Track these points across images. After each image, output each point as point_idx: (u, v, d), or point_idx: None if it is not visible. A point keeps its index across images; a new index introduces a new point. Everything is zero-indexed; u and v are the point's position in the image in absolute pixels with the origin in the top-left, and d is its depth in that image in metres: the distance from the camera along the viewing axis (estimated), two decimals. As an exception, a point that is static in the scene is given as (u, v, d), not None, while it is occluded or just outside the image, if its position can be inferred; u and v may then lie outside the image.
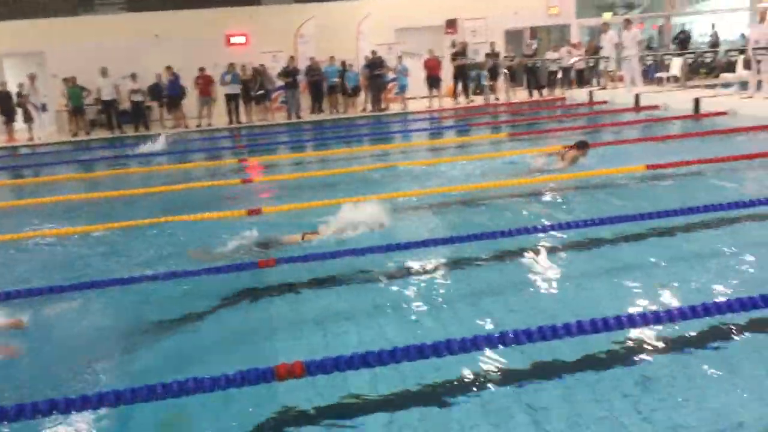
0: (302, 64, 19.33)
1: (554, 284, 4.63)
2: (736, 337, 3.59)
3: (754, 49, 12.70)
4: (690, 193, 6.89)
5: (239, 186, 9.07)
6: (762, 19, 12.93)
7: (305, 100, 19.39)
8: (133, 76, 18.07)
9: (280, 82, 18.95)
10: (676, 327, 3.63)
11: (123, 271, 5.30)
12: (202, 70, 18.37)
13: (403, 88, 19.20)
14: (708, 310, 3.49)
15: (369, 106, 19.50)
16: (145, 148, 13.49)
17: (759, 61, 12.56)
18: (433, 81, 19.15)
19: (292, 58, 19.05)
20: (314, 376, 3.16)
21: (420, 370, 3.33)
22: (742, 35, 22.91)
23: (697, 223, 5.62)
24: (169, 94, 18.34)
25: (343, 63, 19.31)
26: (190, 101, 18.52)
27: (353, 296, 4.73)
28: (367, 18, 20.83)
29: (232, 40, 20.85)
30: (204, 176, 10.40)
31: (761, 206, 5.71)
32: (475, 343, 3.38)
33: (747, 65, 13.25)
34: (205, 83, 18.32)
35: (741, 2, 25.49)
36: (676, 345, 3.55)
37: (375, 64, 18.89)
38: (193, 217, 6.80)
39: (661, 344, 3.55)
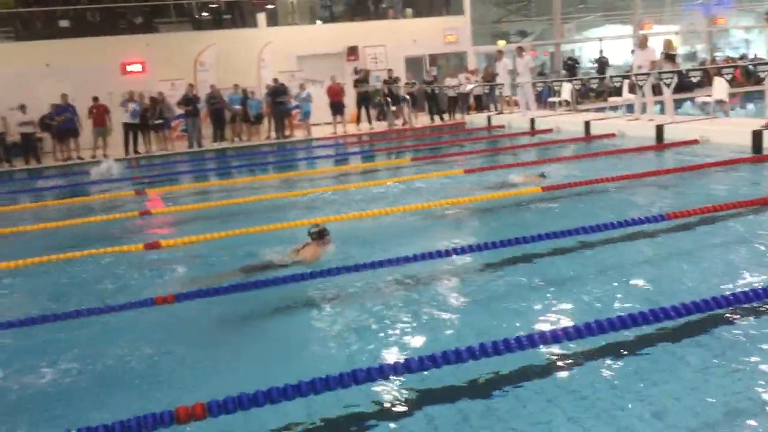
0: (202, 92, 19.01)
1: (459, 306, 4.69)
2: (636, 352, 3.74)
3: (635, 74, 13.51)
4: (583, 212, 7.17)
5: (137, 219, 8.74)
6: (643, 46, 13.80)
7: (206, 129, 19.03)
8: (23, 108, 17.14)
9: (179, 111, 18.53)
10: (573, 345, 3.73)
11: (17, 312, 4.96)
12: (96, 99, 17.70)
13: (306, 115, 19.21)
14: (601, 326, 3.65)
15: (273, 134, 19.37)
16: (39, 182, 12.82)
17: (641, 86, 13.35)
18: (337, 107, 19.28)
19: (191, 86, 18.68)
20: (216, 417, 3.04)
21: (326, 403, 3.28)
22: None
23: (590, 242, 5.85)
24: (61, 127, 17.44)
25: (245, 90, 19.11)
26: (85, 132, 17.78)
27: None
28: (268, 45, 20.76)
29: (128, 68, 20.26)
30: (100, 210, 9.97)
31: (648, 224, 6.03)
32: (381, 372, 3.37)
33: (632, 89, 14.05)
34: (99, 113, 17.64)
35: (625, 30, 27.18)
36: (577, 360, 3.66)
37: (278, 92, 18.82)
38: (87, 253, 6.47)
39: (562, 360, 3.65)
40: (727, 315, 3.98)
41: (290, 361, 4.00)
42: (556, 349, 3.70)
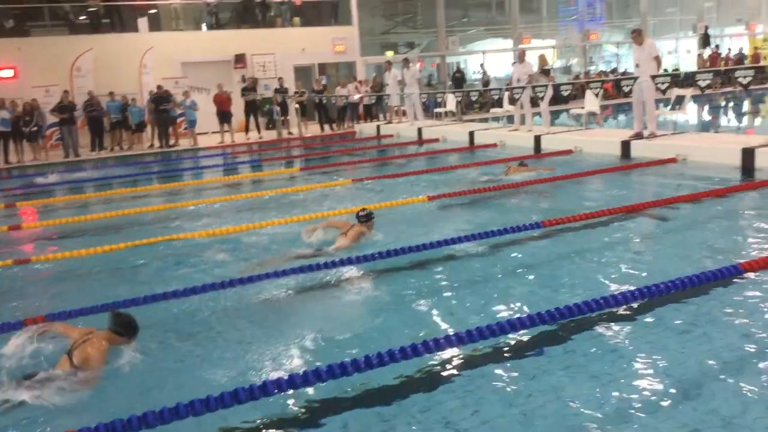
0: (80, 99, 18.10)
1: (342, 317, 4.70)
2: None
3: (513, 87, 14.10)
4: (467, 221, 7.39)
5: (5, 234, 8.19)
6: (521, 60, 14.44)
7: (84, 137, 18.11)
8: None
9: (54, 119, 17.54)
10: (457, 351, 3.84)
11: None
12: (-40, 106, 16.46)
13: (192, 123, 18.69)
14: (480, 332, 3.78)
15: (156, 143, 18.71)
16: None
17: (517, 99, 13.97)
18: (224, 116, 18.90)
19: (66, 92, 17.73)
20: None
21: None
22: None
23: (471, 251, 6.04)
24: None
25: (124, 97, 18.35)
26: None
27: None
28: (150, 51, 20.07)
29: (-1, 73, 18.99)
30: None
31: (523, 231, 6.30)
32: (253, 391, 3.33)
33: (512, 101, 14.67)
34: (-36, 121, 16.40)
35: (506, 43, 28.34)
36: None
37: (161, 99, 18.21)
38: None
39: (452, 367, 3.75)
40: (597, 319, 4.21)
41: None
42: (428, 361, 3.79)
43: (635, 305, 4.35)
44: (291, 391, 3.42)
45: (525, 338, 4.02)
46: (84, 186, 12.88)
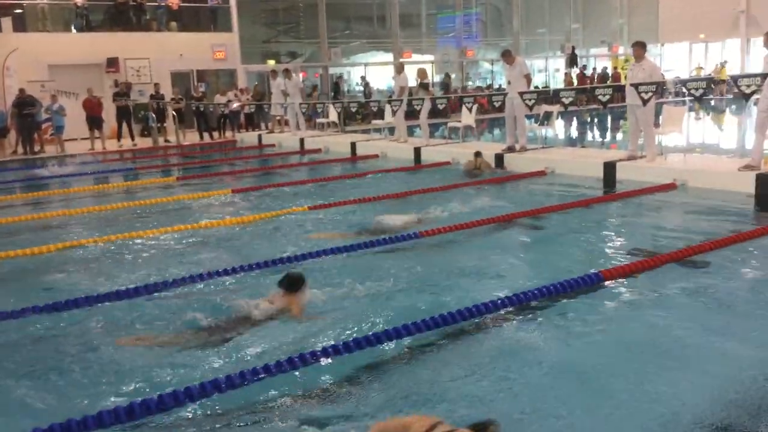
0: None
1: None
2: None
3: (393, 99, 14.38)
4: (348, 230, 7.42)
5: None
6: (399, 72, 14.76)
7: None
8: None
9: None
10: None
11: None
12: None
13: (59, 129, 17.64)
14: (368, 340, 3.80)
15: (20, 149, 17.51)
16: None
17: (395, 111, 14.27)
18: (94, 122, 17.97)
19: None
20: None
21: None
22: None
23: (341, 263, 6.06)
24: None
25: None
26: None
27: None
28: (14, 52, 18.77)
29: None
30: None
31: (404, 241, 6.41)
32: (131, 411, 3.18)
33: (394, 112, 14.90)
34: None
35: (388, 57, 28.83)
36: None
37: (25, 103, 17.05)
38: None
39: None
40: (469, 327, 4.34)
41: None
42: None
43: (503, 312, 4.52)
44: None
45: (389, 348, 4.06)
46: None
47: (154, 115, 19.08)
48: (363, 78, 26.57)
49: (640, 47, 9.88)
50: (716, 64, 30.90)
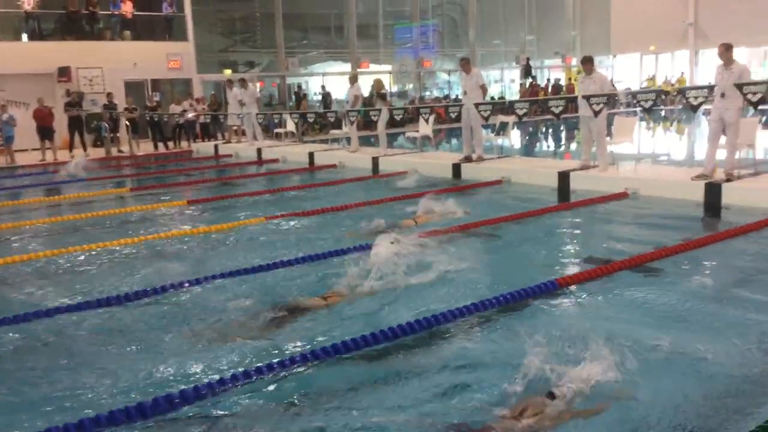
0: None
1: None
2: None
3: (349, 110, 14.39)
4: (307, 241, 7.37)
5: None
6: (353, 83, 14.81)
7: None
8: None
9: None
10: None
11: None
12: None
13: (9, 140, 17.16)
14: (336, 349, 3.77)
15: (-34, 160, 17.01)
16: None
17: (353, 121, 14.30)
18: (45, 132, 17.55)
19: None
20: None
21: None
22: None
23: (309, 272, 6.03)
24: None
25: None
26: None
27: None
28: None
29: None
30: None
31: (360, 251, 6.39)
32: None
33: (352, 122, 14.89)
34: None
35: (346, 67, 28.87)
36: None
37: (-29, 113, 16.57)
38: None
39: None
40: (427, 336, 4.35)
41: None
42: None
43: (460, 322, 4.54)
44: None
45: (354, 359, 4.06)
46: None
47: (107, 125, 18.72)
48: (323, 87, 26.54)
49: (588, 62, 10.15)
50: (679, 76, 31.59)
